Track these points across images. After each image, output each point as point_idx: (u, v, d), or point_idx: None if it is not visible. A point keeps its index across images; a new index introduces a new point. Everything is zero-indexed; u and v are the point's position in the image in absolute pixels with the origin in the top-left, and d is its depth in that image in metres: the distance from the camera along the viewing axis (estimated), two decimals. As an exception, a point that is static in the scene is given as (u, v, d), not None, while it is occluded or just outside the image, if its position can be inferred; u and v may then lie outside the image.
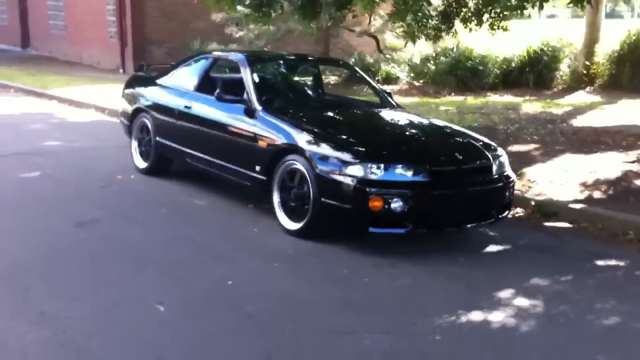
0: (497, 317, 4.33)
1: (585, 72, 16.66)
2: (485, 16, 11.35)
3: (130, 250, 5.37)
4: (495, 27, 11.54)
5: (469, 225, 5.70)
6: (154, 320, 4.13)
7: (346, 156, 5.51)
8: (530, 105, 13.67)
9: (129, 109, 8.22)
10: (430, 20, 10.76)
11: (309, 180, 5.62)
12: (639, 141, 9.36)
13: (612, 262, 5.51)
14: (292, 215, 5.87)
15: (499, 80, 16.48)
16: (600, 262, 5.50)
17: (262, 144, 6.14)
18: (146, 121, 7.81)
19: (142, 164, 7.90)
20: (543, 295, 4.69)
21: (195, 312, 4.27)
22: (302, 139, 5.80)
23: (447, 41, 18.06)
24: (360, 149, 5.61)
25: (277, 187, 5.98)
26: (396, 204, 5.29)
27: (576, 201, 6.91)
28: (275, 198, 6.00)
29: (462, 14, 11.70)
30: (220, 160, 6.66)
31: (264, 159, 6.10)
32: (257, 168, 6.17)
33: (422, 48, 19.36)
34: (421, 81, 17.09)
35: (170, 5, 19.32)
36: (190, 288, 4.65)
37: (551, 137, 9.74)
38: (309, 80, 8.14)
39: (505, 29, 11.52)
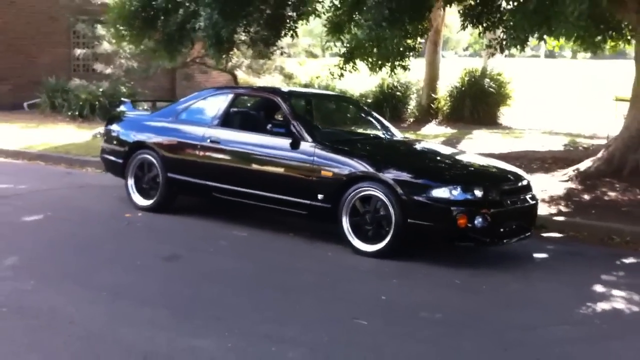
0: (619, 305, 5.31)
1: (430, 106, 18.62)
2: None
3: (257, 278, 5.62)
4: (397, 66, 12.74)
5: (515, 239, 6.61)
6: (360, 333, 4.53)
7: (428, 181, 6.24)
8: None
9: (121, 147, 8.17)
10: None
11: (389, 205, 6.23)
12: (545, 164, 11.00)
13: (632, 260, 6.75)
14: (365, 237, 6.42)
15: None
16: (625, 260, 6.74)
17: (326, 174, 6.62)
18: (150, 158, 7.85)
19: (143, 201, 7.90)
20: (623, 287, 5.76)
21: (395, 323, 4.74)
22: (377, 167, 6.41)
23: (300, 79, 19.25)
24: (440, 173, 6.38)
25: (347, 213, 6.50)
26: (478, 220, 6.11)
27: (552, 215, 8.17)
28: (345, 224, 6.51)
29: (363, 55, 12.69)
30: (265, 192, 6.99)
31: (329, 188, 6.59)
32: (320, 197, 6.64)
33: (275, 84, 20.30)
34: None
35: (16, 39, 18.40)
36: (357, 304, 5.08)
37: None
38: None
39: (405, 68, 12.78)
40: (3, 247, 6.22)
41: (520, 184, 6.74)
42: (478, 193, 6.22)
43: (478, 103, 18.00)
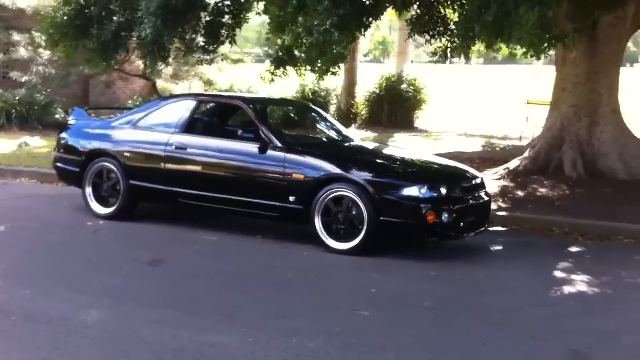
0: (582, 287, 5.88)
1: (350, 111, 19.18)
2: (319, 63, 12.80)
3: (244, 278, 5.87)
4: (326, 72, 13.12)
5: (473, 233, 7.08)
6: (365, 322, 4.87)
7: (398, 181, 6.65)
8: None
9: (77, 155, 8.16)
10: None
11: (361, 204, 6.58)
12: (474, 164, 11.63)
13: (579, 249, 7.39)
14: (338, 236, 6.75)
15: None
16: (570, 249, 7.37)
17: (297, 177, 6.91)
18: (109, 165, 7.88)
19: (103, 210, 7.91)
20: (579, 272, 6.35)
21: (392, 312, 5.10)
22: (348, 169, 6.77)
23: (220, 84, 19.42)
24: (408, 173, 6.82)
25: (319, 213, 6.81)
26: (445, 216, 6.57)
27: (494, 210, 8.71)
28: (318, 224, 6.81)
29: (295, 60, 12.96)
30: (236, 196, 7.19)
31: (301, 190, 6.88)
32: (292, 199, 6.91)
33: (194, 91, 20.32)
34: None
35: None
36: (349, 297, 5.41)
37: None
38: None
39: (334, 74, 13.19)
40: (-22, 259, 6.16)
41: (475, 182, 7.24)
42: (443, 191, 6.68)
43: (395, 108, 18.67)
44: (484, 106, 23.05)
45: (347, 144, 7.98)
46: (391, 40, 59.59)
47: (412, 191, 6.55)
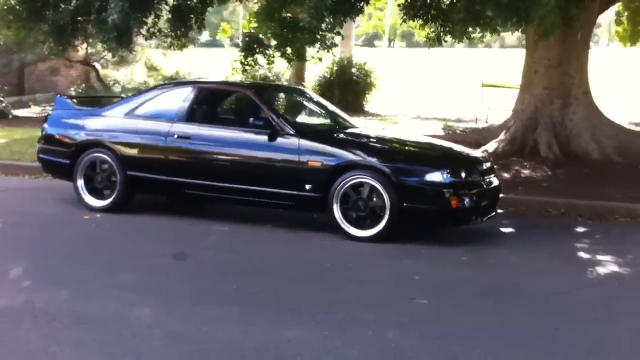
0: (614, 268, 5.98)
1: (300, 95, 19.01)
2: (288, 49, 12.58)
3: (279, 270, 5.69)
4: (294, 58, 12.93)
5: (486, 218, 7.08)
6: (429, 311, 4.81)
7: (421, 166, 6.60)
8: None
9: (66, 146, 7.76)
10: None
11: (383, 191, 6.50)
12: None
13: (585, 229, 7.55)
14: (357, 224, 6.65)
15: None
16: (577, 229, 7.52)
17: (314, 164, 6.75)
18: (103, 156, 7.54)
19: (97, 202, 7.58)
20: (601, 252, 6.47)
21: (448, 300, 5.05)
22: (367, 156, 6.66)
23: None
24: (430, 158, 6.78)
25: (337, 201, 6.69)
26: (466, 201, 6.57)
27: (487, 193, 8.83)
28: (337, 212, 6.69)
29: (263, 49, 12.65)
30: (247, 186, 6.99)
31: (318, 177, 6.73)
32: (308, 187, 6.77)
33: (137, 77, 19.80)
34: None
35: None
36: (397, 285, 5.33)
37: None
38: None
39: (304, 59, 12.99)
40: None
41: (486, 166, 7.26)
42: (463, 175, 6.66)
43: (346, 92, 18.65)
44: (429, 88, 23.31)
45: (355, 130, 7.80)
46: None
47: (435, 176, 6.51)
